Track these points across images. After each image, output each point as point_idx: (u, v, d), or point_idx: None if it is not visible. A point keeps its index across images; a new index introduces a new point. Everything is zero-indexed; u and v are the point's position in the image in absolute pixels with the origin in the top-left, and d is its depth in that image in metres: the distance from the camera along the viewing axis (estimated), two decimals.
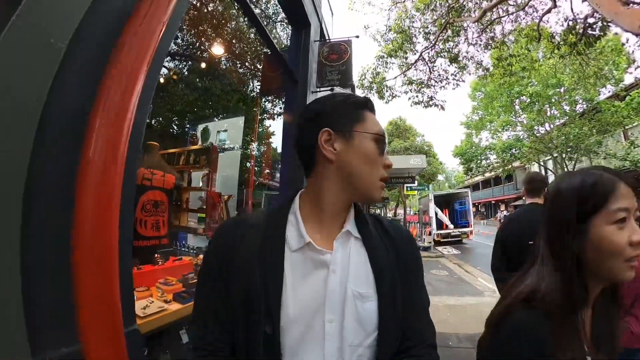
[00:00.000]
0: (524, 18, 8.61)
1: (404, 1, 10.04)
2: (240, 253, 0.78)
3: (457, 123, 66.33)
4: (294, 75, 4.09)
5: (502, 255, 2.53)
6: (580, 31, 6.74)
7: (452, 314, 5.33)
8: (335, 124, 0.84)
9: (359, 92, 10.93)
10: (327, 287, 0.77)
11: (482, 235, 20.20)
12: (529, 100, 18.17)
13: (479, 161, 24.07)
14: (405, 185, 16.57)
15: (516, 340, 0.76)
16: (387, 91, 11.14)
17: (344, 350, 0.75)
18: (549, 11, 7.09)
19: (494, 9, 8.17)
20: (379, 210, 28.70)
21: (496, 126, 21.49)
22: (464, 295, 6.64)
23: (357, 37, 4.82)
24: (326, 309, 0.76)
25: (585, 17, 6.57)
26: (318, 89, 4.54)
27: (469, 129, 25.15)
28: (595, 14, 6.20)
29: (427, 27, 9.59)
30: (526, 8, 8.23)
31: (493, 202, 41.21)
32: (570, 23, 6.97)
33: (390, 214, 34.09)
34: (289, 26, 4.52)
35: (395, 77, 10.68)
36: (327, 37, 5.36)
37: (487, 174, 28.44)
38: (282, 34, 4.80)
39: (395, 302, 0.80)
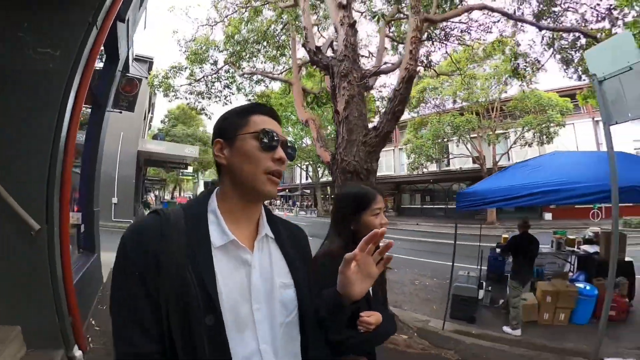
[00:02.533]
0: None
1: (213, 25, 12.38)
2: (168, 253, 0.81)
3: None
4: (99, 100, 5.99)
5: None
6: None
7: None
8: (224, 133, 0.97)
9: (147, 90, 12.57)
10: (250, 281, 0.89)
11: None
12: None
13: None
14: (180, 170, 18.91)
15: (325, 273, 1.17)
16: (172, 92, 13.24)
17: (275, 328, 0.90)
18: None
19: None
20: (157, 192, 29.50)
21: None
22: None
23: (146, 78, 7.12)
24: (252, 299, 0.87)
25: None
26: (111, 110, 6.51)
27: None
28: None
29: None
30: None
31: None
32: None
33: (168, 196, 34.90)
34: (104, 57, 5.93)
35: (181, 86, 12.95)
36: (130, 63, 7.33)
37: None
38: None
39: (307, 286, 1.00)
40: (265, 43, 11.40)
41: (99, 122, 5.95)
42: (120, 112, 6.65)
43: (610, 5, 7.42)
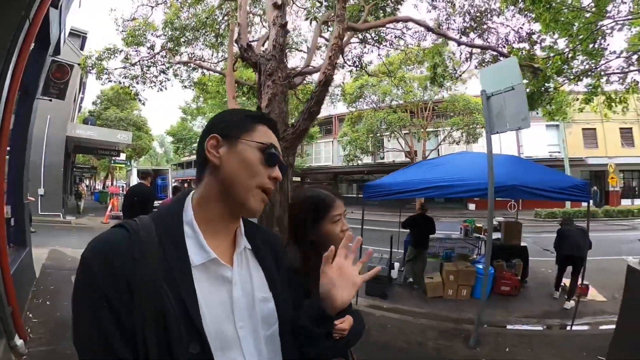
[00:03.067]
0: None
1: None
2: (142, 278, 0.73)
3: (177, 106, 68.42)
4: (28, 87, 5.84)
5: None
6: None
7: None
8: (225, 131, 0.90)
9: (78, 69, 11.91)
10: (232, 298, 0.85)
11: None
12: None
13: (188, 142, 27.86)
14: (113, 158, 18.08)
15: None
16: (105, 75, 12.65)
17: (259, 342, 0.88)
18: None
19: None
20: (87, 181, 27.84)
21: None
22: None
23: (79, 64, 6.94)
24: (235, 317, 0.84)
25: None
26: (40, 97, 6.32)
27: (186, 114, 28.62)
28: None
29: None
30: None
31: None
32: None
33: (99, 186, 33.00)
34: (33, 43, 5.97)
35: (115, 69, 12.44)
36: (60, 47, 7.03)
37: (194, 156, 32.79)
38: None
39: (285, 297, 0.98)
40: (204, 31, 11.32)
41: (28, 111, 5.75)
42: (50, 100, 6.43)
43: (531, 29, 8.64)
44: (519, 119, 4.21)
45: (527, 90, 8.28)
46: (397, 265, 7.88)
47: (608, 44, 7.84)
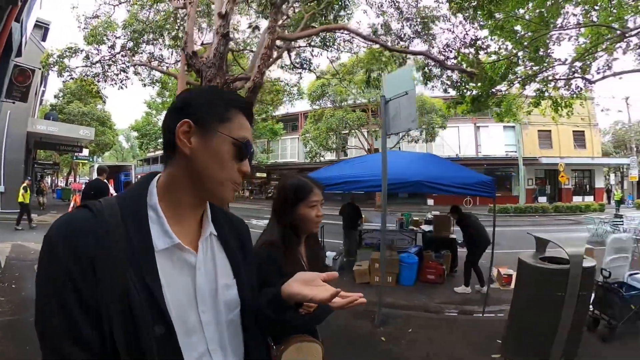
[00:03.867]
0: None
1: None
2: (106, 258, 0.74)
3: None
4: None
5: None
6: None
7: None
8: (199, 117, 0.86)
9: (39, 70, 12.11)
10: (195, 284, 0.86)
11: None
12: None
13: (153, 138, 27.90)
14: (75, 154, 18.16)
15: (268, 262, 1.41)
16: (67, 72, 12.90)
17: (221, 327, 0.90)
18: None
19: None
20: (49, 178, 27.31)
21: None
22: None
23: (40, 69, 7.42)
24: (198, 303, 0.86)
25: None
26: (4, 100, 6.80)
27: (151, 109, 28.58)
28: None
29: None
30: None
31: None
32: None
33: (62, 183, 32.26)
34: None
35: (76, 67, 12.70)
36: (22, 50, 7.44)
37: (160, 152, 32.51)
38: None
39: (247, 282, 1.00)
40: (161, 33, 11.88)
41: None
42: (14, 102, 6.88)
43: (476, 36, 9.29)
44: (409, 121, 4.77)
45: (474, 93, 9.32)
46: (331, 254, 8.41)
47: (552, 51, 8.65)
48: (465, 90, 9.76)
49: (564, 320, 3.38)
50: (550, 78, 9.40)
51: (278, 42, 8.24)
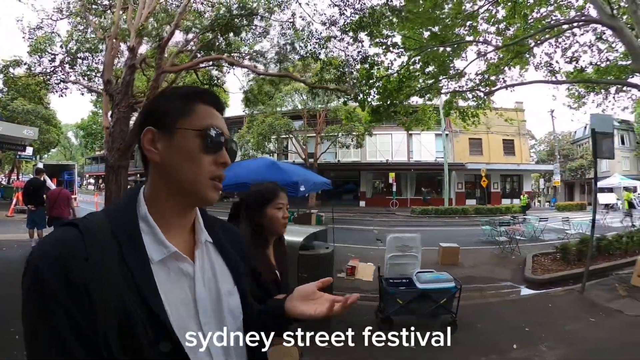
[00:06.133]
0: None
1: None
2: (100, 282, 0.70)
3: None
4: None
5: None
6: None
7: None
8: (160, 121, 0.84)
9: None
10: (195, 294, 0.84)
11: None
12: None
13: (98, 137, 28.58)
14: (18, 152, 19.46)
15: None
16: (11, 81, 14.47)
17: (225, 337, 0.88)
18: None
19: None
20: None
21: None
22: None
23: None
24: (200, 314, 0.83)
25: None
26: None
27: (97, 107, 29.41)
28: None
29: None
30: None
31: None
32: None
33: (4, 180, 32.65)
34: None
35: (20, 77, 14.28)
36: None
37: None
38: None
39: (248, 288, 1.00)
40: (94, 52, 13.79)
41: None
42: None
43: (366, 54, 10.13)
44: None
45: (375, 104, 10.45)
46: None
47: (453, 65, 9.97)
48: (365, 102, 10.51)
49: None
50: (457, 90, 10.98)
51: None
